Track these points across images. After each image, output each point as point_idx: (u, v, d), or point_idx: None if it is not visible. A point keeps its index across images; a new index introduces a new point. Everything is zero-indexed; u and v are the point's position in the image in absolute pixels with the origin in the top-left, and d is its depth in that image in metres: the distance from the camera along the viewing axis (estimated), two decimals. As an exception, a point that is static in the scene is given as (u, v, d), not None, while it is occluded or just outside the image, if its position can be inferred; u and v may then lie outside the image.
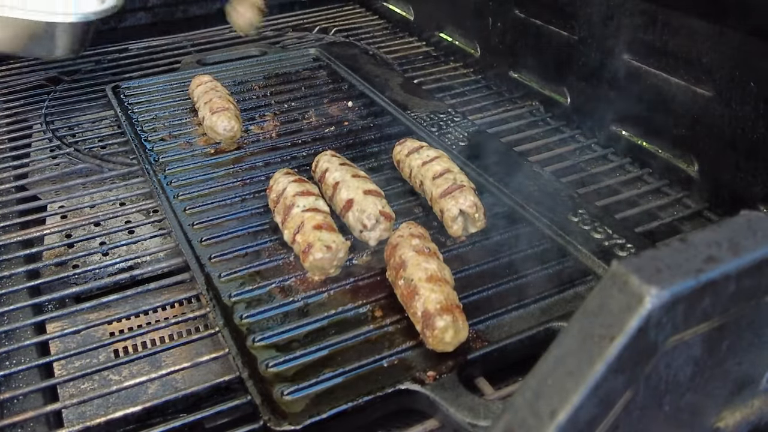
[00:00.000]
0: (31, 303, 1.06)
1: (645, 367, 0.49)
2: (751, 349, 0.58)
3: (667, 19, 1.23)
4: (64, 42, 1.56)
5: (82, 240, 1.22)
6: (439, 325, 0.85)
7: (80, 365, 0.99)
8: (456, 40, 1.90)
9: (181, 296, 1.07)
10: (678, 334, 0.50)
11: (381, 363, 0.89)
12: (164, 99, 1.62)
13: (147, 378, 0.90)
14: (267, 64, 1.80)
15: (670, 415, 0.56)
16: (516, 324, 0.94)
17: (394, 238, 1.00)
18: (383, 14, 2.23)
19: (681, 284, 0.47)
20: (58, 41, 1.55)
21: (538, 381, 0.48)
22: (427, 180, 1.15)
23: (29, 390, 0.91)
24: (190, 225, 1.16)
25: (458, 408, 0.80)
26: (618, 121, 1.41)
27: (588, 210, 1.13)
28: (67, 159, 1.45)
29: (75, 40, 1.58)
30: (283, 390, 0.84)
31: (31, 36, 1.53)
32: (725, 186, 1.20)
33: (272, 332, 0.93)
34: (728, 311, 0.52)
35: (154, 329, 1.01)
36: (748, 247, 0.50)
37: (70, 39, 1.57)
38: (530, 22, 1.58)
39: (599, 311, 0.48)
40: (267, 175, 1.30)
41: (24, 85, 1.77)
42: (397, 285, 0.94)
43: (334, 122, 1.51)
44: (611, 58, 1.37)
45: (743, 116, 1.13)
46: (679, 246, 0.50)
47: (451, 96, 1.67)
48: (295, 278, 1.04)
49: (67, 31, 1.55)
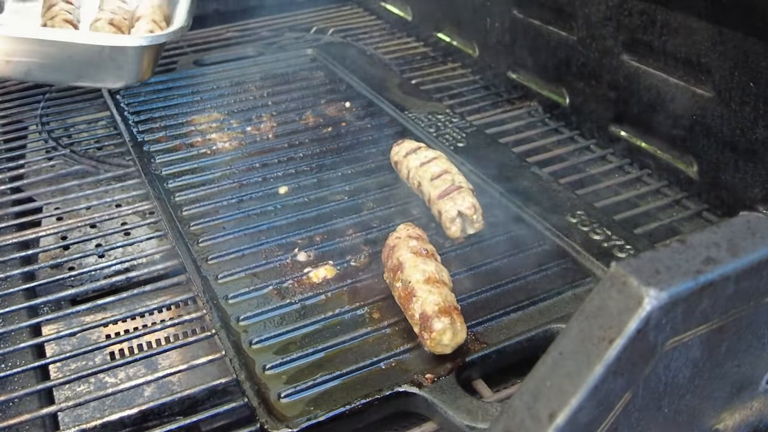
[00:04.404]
0: (27, 305, 1.06)
1: (644, 369, 0.49)
2: (750, 351, 0.58)
3: (667, 19, 1.22)
4: (134, 67, 1.44)
5: (78, 242, 1.22)
6: (437, 327, 0.85)
7: (76, 368, 0.99)
8: (454, 41, 1.90)
9: (177, 298, 1.06)
10: (677, 335, 0.49)
11: (379, 365, 0.88)
12: (160, 100, 1.61)
13: (143, 380, 0.90)
14: (264, 65, 1.79)
15: (669, 417, 0.56)
16: (514, 326, 0.93)
17: (391, 240, 1.00)
18: (381, 14, 2.23)
19: (680, 286, 0.47)
20: (129, 66, 1.43)
21: (536, 383, 0.48)
22: (425, 181, 1.14)
23: (25, 393, 0.91)
24: (186, 227, 1.15)
25: (456, 410, 0.79)
26: (617, 122, 1.40)
27: (587, 211, 1.13)
28: (62, 160, 1.45)
29: (146, 64, 1.46)
30: (280, 392, 0.84)
31: (100, 63, 1.40)
32: (724, 187, 1.20)
33: (269, 334, 0.93)
34: (727, 313, 0.52)
35: (150, 331, 1.00)
36: (747, 248, 0.50)
37: (140, 63, 1.44)
38: (529, 23, 1.58)
39: (598, 313, 0.48)
40: (263, 176, 1.30)
41: (19, 86, 1.76)
42: (395, 287, 0.94)
43: (332, 123, 1.50)
44: (610, 58, 1.37)
45: (743, 117, 1.13)
46: (678, 247, 0.50)
47: (449, 96, 1.67)
48: (292, 280, 1.03)
49: (139, 54, 1.43)
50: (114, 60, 1.41)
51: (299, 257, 1.08)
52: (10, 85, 1.77)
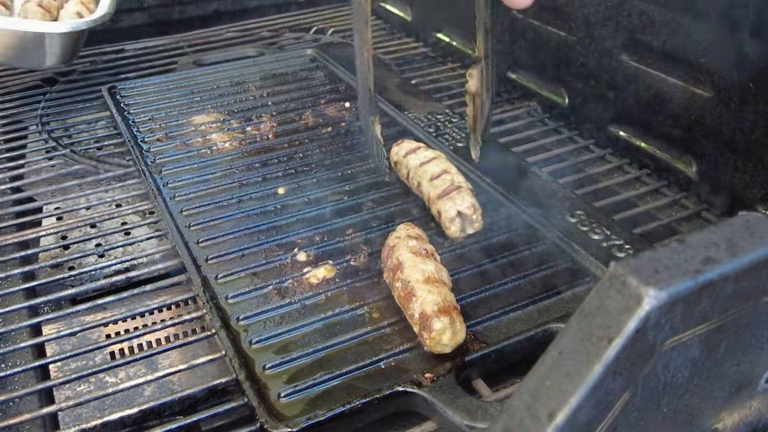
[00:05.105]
0: (27, 305, 1.06)
1: (643, 369, 0.49)
2: (749, 350, 0.58)
3: (666, 19, 1.22)
4: (54, 52, 1.55)
5: (78, 242, 1.22)
6: (437, 326, 0.85)
7: (76, 367, 0.99)
8: (453, 41, 1.90)
9: (177, 298, 1.07)
10: (676, 335, 0.49)
11: (378, 365, 0.88)
12: (161, 100, 1.61)
13: (143, 380, 0.90)
14: (264, 65, 1.79)
15: (668, 417, 0.56)
16: (514, 325, 0.94)
17: (391, 240, 1.00)
18: (381, 15, 2.23)
19: (679, 285, 0.47)
20: (48, 51, 1.54)
21: (536, 382, 0.48)
22: (424, 181, 1.14)
23: (25, 392, 0.91)
24: (186, 226, 1.16)
25: (456, 410, 0.79)
26: (616, 121, 1.40)
27: (586, 211, 1.13)
28: (62, 160, 1.45)
29: (66, 49, 1.56)
30: (280, 392, 0.84)
31: (22, 47, 1.52)
32: (724, 187, 1.20)
33: (269, 334, 0.93)
34: (726, 312, 0.52)
35: (150, 331, 1.00)
36: (746, 248, 0.50)
37: (61, 49, 1.55)
38: (528, 23, 1.58)
39: (597, 312, 0.48)
40: (263, 175, 1.30)
41: (19, 86, 1.76)
42: (395, 287, 0.94)
43: (332, 123, 1.50)
44: (609, 58, 1.37)
45: (742, 117, 1.13)
46: (677, 247, 0.50)
47: (448, 97, 1.67)
48: (292, 279, 1.03)
49: (58, 41, 1.54)
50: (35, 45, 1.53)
51: (299, 257, 1.08)
52: (11, 85, 1.77)
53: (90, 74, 1.82)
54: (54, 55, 1.55)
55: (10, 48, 1.51)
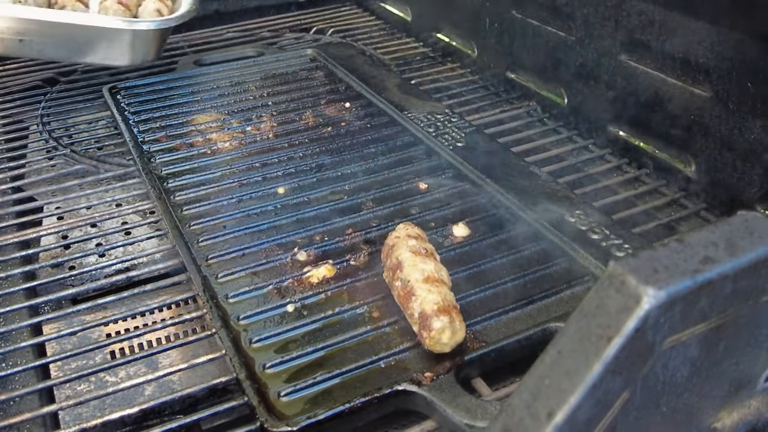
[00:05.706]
0: (28, 305, 1.06)
1: (642, 368, 0.49)
2: (748, 350, 0.58)
3: (665, 19, 1.23)
4: (141, 49, 1.54)
5: (79, 241, 1.22)
6: (436, 326, 0.85)
7: (77, 367, 0.99)
8: (453, 41, 1.90)
9: (177, 297, 1.07)
10: (675, 334, 0.50)
11: (378, 364, 0.89)
12: (161, 100, 1.61)
13: (144, 379, 0.90)
14: (264, 65, 1.79)
15: (667, 416, 0.56)
16: (513, 325, 0.94)
17: (390, 239, 1.00)
18: (380, 15, 2.23)
19: (678, 285, 0.47)
20: (136, 48, 1.53)
21: (535, 382, 0.48)
22: None
23: (25, 392, 0.91)
24: (186, 226, 1.16)
25: (455, 409, 0.79)
26: (615, 121, 1.41)
27: (585, 210, 1.13)
28: (63, 160, 1.45)
29: (153, 46, 1.56)
30: (279, 391, 0.84)
31: (109, 44, 1.50)
32: (722, 187, 1.20)
33: (269, 333, 0.93)
34: (725, 312, 0.52)
35: (150, 331, 1.00)
36: (744, 247, 0.50)
37: (147, 45, 1.54)
38: (527, 23, 1.58)
39: (596, 312, 0.48)
40: (263, 175, 1.31)
41: (20, 86, 1.76)
42: (394, 286, 0.94)
43: (332, 123, 1.50)
44: (608, 58, 1.37)
45: (740, 117, 1.13)
46: (676, 246, 0.50)
47: (448, 97, 1.67)
48: (292, 279, 1.03)
49: (145, 38, 1.53)
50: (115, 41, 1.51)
51: (299, 256, 1.08)
52: (12, 85, 1.77)
53: (91, 74, 1.82)
54: (141, 52, 1.55)
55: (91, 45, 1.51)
